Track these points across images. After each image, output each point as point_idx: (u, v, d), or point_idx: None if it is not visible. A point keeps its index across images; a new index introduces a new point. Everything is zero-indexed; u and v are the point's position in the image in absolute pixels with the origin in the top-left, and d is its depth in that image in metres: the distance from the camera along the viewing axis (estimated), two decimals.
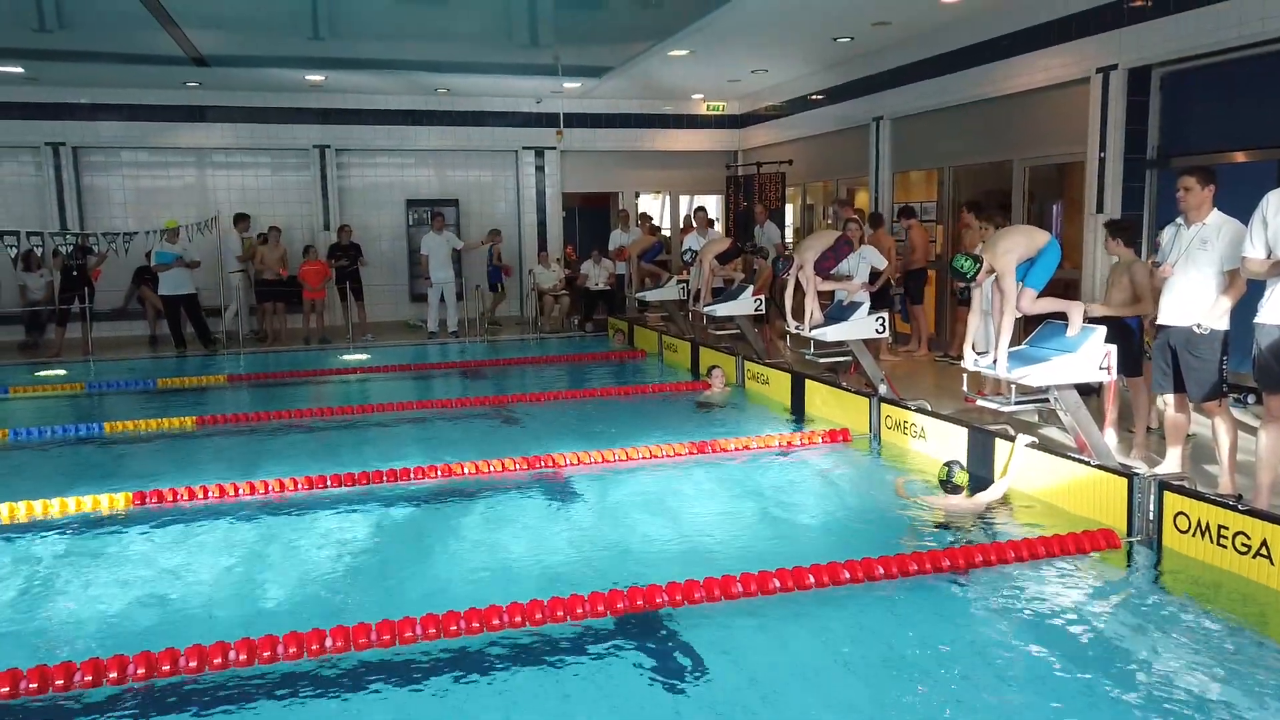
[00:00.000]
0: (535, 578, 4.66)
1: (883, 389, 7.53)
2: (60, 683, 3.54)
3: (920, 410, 6.73)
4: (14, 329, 13.10)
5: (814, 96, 13.71)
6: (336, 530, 5.44)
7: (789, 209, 15.10)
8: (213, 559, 5.02)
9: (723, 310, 10.02)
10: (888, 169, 12.14)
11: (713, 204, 17.22)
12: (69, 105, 13.86)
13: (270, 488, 6.08)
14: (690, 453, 6.82)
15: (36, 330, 13.03)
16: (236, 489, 6.03)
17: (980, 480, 5.77)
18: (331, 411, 8.67)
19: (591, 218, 17.68)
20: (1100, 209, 8.62)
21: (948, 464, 5.62)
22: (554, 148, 15.76)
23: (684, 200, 17.64)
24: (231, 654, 3.72)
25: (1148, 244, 8.05)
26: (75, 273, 12.68)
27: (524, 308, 15.67)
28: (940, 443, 6.41)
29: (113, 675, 3.59)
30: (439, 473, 6.41)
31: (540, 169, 15.98)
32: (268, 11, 10.10)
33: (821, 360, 8.25)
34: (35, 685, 3.53)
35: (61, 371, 11.38)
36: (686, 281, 12.33)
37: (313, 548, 5.17)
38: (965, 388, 6.21)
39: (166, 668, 3.64)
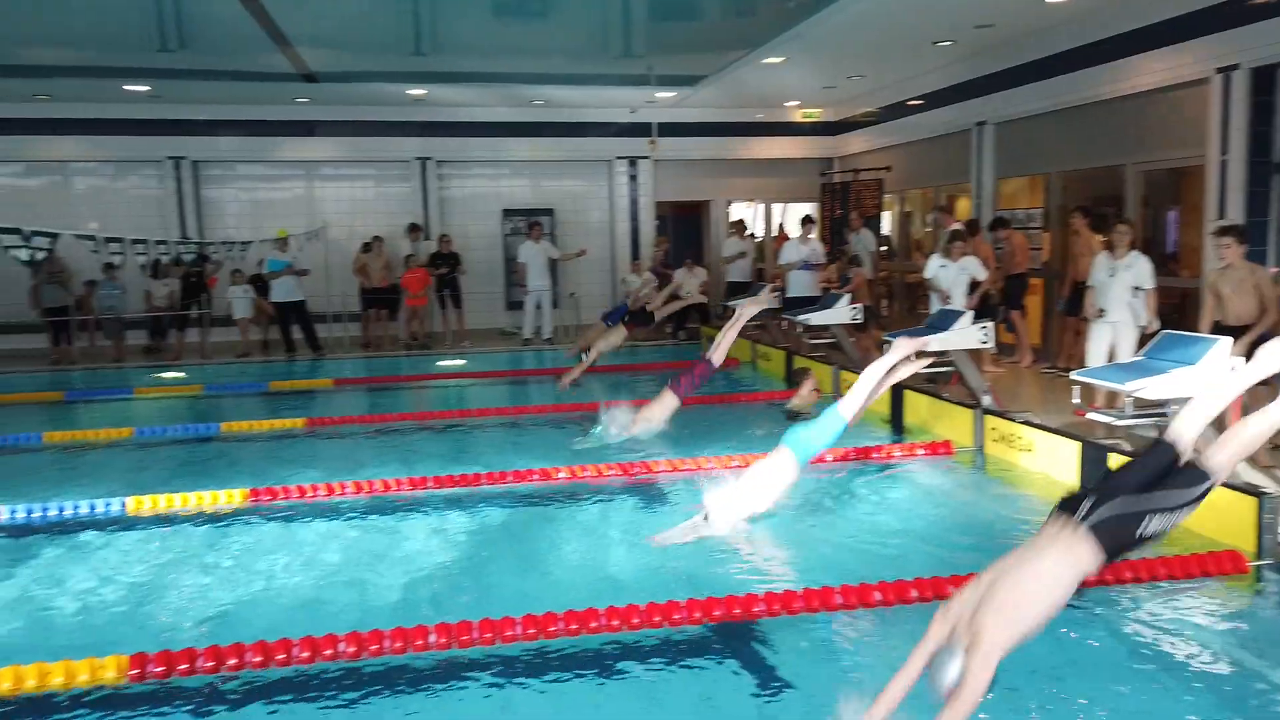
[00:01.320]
0: (630, 582, 4.68)
1: (986, 400, 7.31)
2: (184, 667, 3.73)
3: (1028, 423, 6.51)
4: (139, 334, 13.86)
5: (913, 101, 13.44)
6: (437, 530, 5.57)
7: (885, 216, 14.82)
8: (321, 555, 5.21)
9: (818, 319, 9.89)
10: (990, 175, 11.80)
11: (806, 212, 17.06)
12: (189, 121, 14.60)
13: (375, 487, 6.27)
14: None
15: (159, 335, 13.76)
16: (343, 487, 6.24)
17: None
18: (432, 415, 8.90)
19: (683, 226, 17.72)
20: (1222, 215, 8.19)
21: None
22: (647, 157, 15.86)
23: (776, 209, 17.52)
24: (341, 645, 3.85)
25: (1277, 252, 7.62)
26: (195, 280, 13.36)
27: None
28: (1050, 457, 6.19)
29: (232, 662, 3.75)
30: (536, 476, 6.50)
31: (633, 178, 16.10)
32: (374, 29, 10.47)
33: (921, 370, 8.05)
34: (161, 669, 3.71)
35: (181, 374, 12.00)
36: (781, 290, 12.24)
37: (415, 546, 5.31)
38: (1077, 399, 5.97)
39: (282, 656, 3.79)
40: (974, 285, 9.31)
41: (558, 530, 5.55)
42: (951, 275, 9.05)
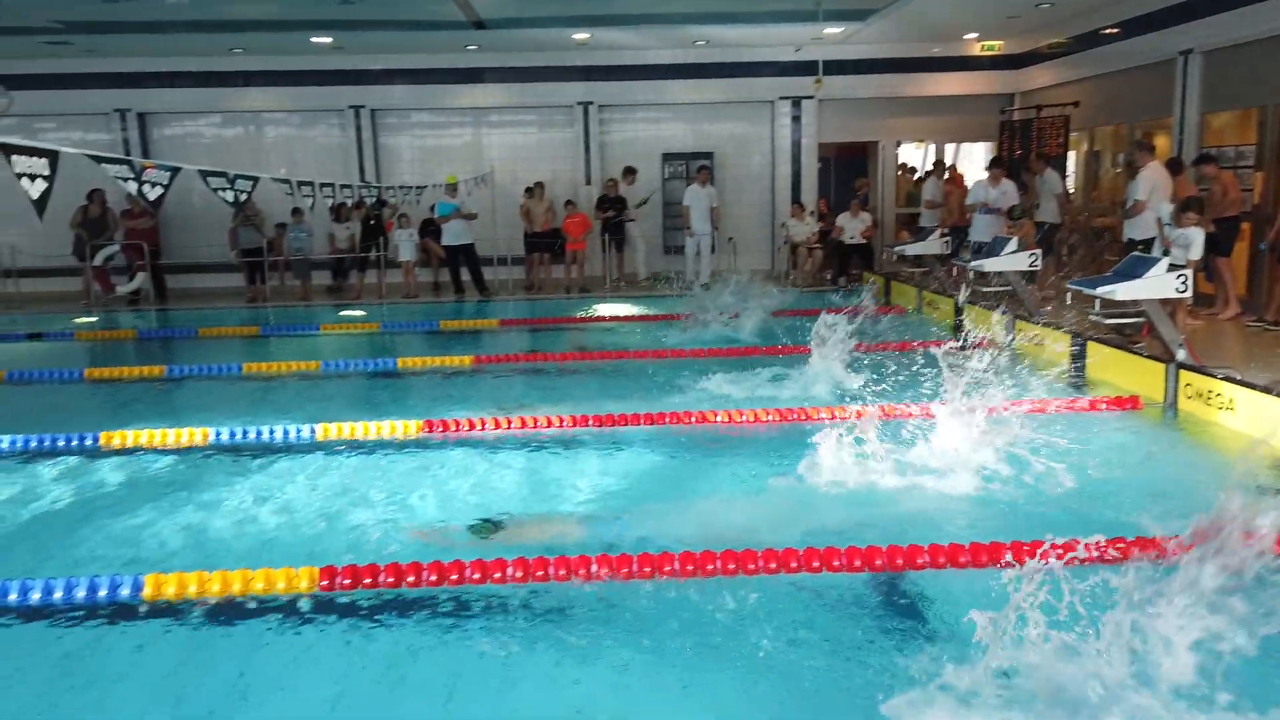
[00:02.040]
0: (785, 526, 4.64)
1: (1181, 354, 6.74)
2: (367, 581, 4.00)
3: (1229, 379, 5.95)
4: (323, 274, 14.79)
5: (1108, 30, 12.34)
6: (596, 466, 5.71)
7: (1070, 156, 13.78)
8: (488, 485, 5.46)
9: (992, 265, 9.37)
10: (1195, 109, 10.73)
11: (981, 152, 16.13)
12: (368, 71, 15.28)
13: (538, 422, 6.47)
14: (954, 413, 6.46)
15: (341, 275, 14.64)
16: (509, 422, 6.47)
17: None
18: (591, 356, 9.08)
19: (847, 168, 17.13)
20: None
21: None
22: (811, 97, 15.36)
23: (949, 149, 16.64)
24: (509, 570, 4.03)
25: None
26: (374, 223, 14.09)
27: (774, 262, 15.53)
28: (1253, 417, 5.65)
29: (410, 579, 4.00)
30: (693, 419, 6.53)
31: (796, 119, 15.64)
32: None
33: (1107, 321, 7.51)
34: (347, 581, 4.00)
35: (361, 312, 12.76)
36: (950, 235, 11.69)
37: (575, 480, 5.47)
38: None
39: (455, 577, 4.00)
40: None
41: (714, 471, 5.57)
42: (1172, 235, 8.27)
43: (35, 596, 3.93)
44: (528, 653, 3.54)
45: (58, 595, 3.93)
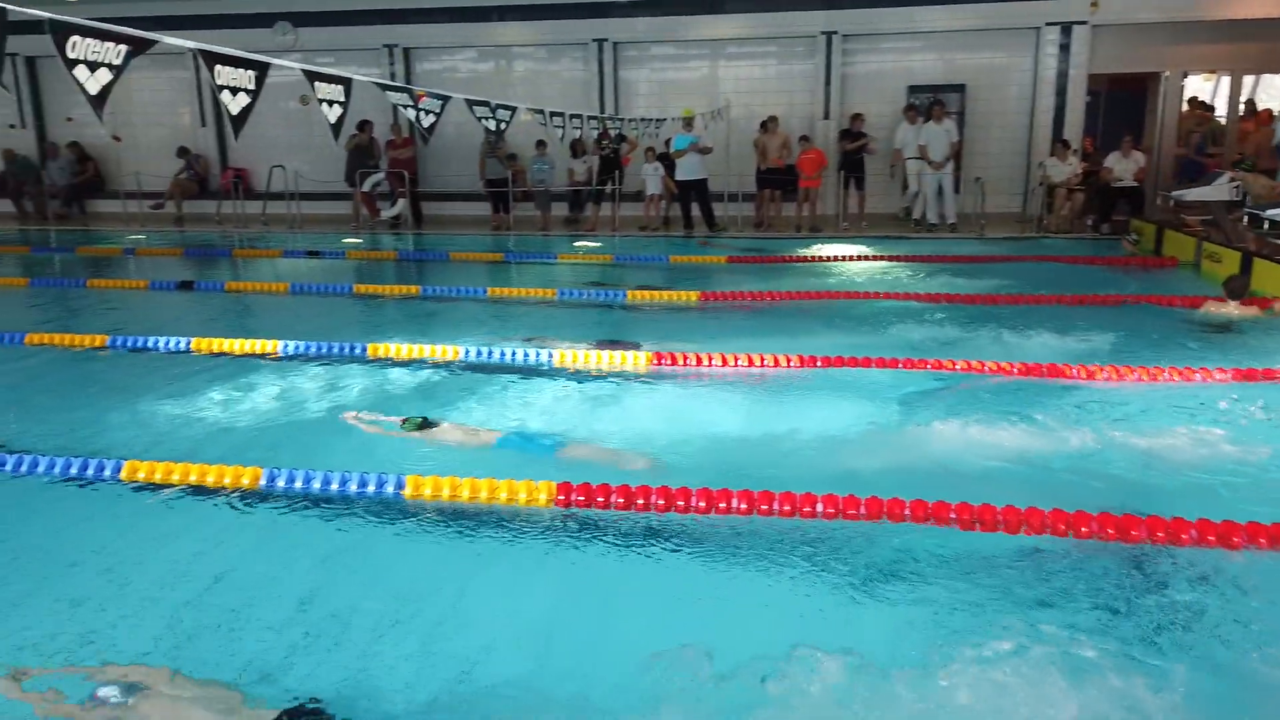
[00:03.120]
0: (1020, 482, 4.40)
1: None
2: (600, 500, 4.18)
3: None
4: (561, 206, 15.37)
5: None
6: (824, 407, 5.62)
7: None
8: (712, 420, 5.53)
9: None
10: None
11: None
12: (613, 4, 15.45)
13: (765, 361, 6.42)
14: (1229, 379, 5.78)
15: (578, 208, 15.16)
16: (735, 359, 6.47)
17: None
18: (817, 295, 8.89)
19: (1118, 103, 15.48)
20: None
21: None
22: (1084, 22, 13.91)
23: (1247, 80, 14.59)
24: (734, 501, 4.08)
25: None
26: (611, 156, 14.41)
27: (1027, 204, 14.40)
28: None
29: (639, 502, 4.14)
30: (928, 365, 6.26)
31: (1064, 47, 14.22)
32: None
33: None
34: (581, 499, 4.21)
35: (596, 244, 13.16)
36: (1240, 180, 10.31)
37: (801, 421, 5.40)
38: None
39: (681, 504, 4.11)
40: None
41: (949, 421, 5.30)
42: None
43: (316, 485, 4.42)
44: (741, 580, 3.60)
45: (334, 487, 4.40)
